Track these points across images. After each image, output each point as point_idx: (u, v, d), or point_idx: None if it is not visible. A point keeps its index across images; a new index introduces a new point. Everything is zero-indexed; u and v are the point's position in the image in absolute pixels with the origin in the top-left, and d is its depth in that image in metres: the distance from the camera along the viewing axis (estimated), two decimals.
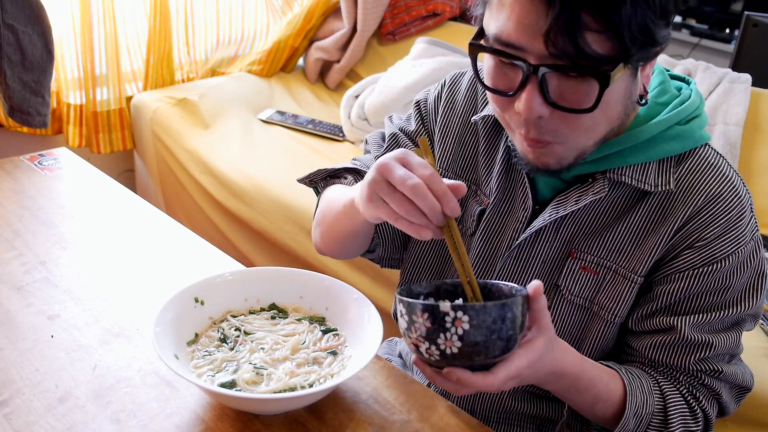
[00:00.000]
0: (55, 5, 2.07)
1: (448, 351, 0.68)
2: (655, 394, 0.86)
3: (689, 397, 0.87)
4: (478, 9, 0.79)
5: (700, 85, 2.03)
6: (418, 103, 1.04)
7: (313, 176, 1.09)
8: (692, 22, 3.64)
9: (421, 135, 1.02)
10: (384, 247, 1.05)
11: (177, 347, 0.84)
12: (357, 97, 2.31)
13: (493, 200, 0.94)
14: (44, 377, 0.85)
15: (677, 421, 0.86)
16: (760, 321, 1.48)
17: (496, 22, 0.74)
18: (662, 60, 2.13)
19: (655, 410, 0.86)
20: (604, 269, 0.88)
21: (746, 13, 2.34)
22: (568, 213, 0.87)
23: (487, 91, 0.80)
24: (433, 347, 0.69)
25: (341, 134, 2.31)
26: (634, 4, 0.67)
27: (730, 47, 3.32)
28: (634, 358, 0.91)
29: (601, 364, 0.87)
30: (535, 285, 0.71)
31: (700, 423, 0.87)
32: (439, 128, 1.01)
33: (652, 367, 0.89)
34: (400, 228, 0.74)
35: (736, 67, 2.31)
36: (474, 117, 0.96)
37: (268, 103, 2.47)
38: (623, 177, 0.84)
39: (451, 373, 0.70)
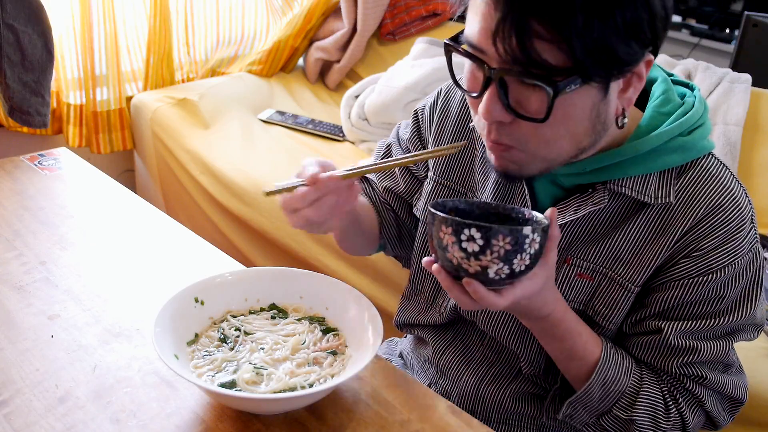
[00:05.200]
0: (55, 5, 2.07)
1: (517, 269, 0.74)
2: (633, 378, 0.87)
3: (668, 397, 0.87)
4: (460, 10, 0.79)
5: (700, 85, 2.02)
6: (416, 111, 1.07)
7: None
8: (692, 22, 3.64)
9: (414, 142, 1.07)
10: (391, 247, 1.12)
11: (177, 347, 0.84)
12: (357, 97, 2.31)
13: None
14: (44, 377, 0.85)
15: (644, 409, 0.86)
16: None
17: (469, 24, 0.75)
18: (662, 60, 2.13)
19: (627, 392, 0.86)
20: (600, 275, 0.88)
21: (746, 13, 2.34)
22: (566, 222, 0.87)
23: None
24: (506, 267, 0.73)
25: (341, 134, 2.31)
26: (588, 19, 0.66)
27: (730, 47, 3.32)
28: None
29: (593, 331, 0.88)
30: (550, 211, 0.77)
31: (671, 422, 0.87)
32: (434, 136, 1.03)
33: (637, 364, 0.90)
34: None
35: (736, 67, 2.31)
36: (471, 123, 0.97)
37: (268, 103, 2.47)
38: (623, 188, 0.84)
39: (471, 284, 0.74)
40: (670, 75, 0.91)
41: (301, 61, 2.71)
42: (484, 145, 0.96)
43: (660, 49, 0.77)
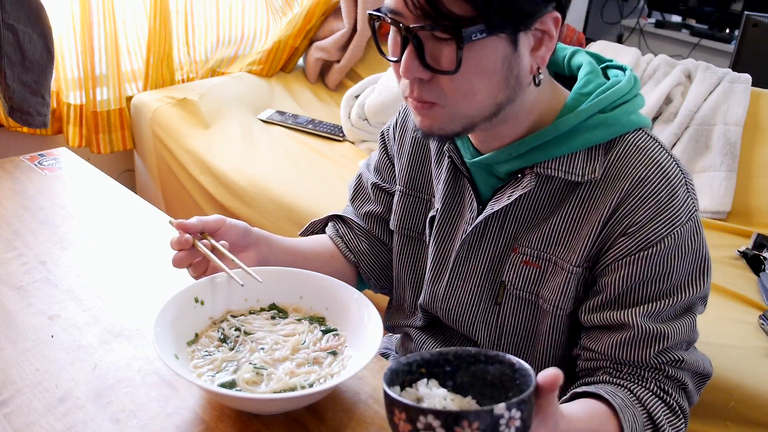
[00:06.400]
0: (55, 5, 2.07)
1: None
2: (636, 405, 0.84)
3: (661, 393, 0.86)
4: None
5: (700, 85, 2.03)
6: (382, 133, 1.10)
7: (311, 228, 1.18)
8: (692, 22, 3.64)
9: (383, 163, 1.10)
10: (375, 280, 1.14)
11: (177, 347, 0.84)
12: (357, 97, 2.31)
13: (442, 206, 0.98)
14: (44, 377, 0.85)
15: (664, 421, 0.84)
16: (760, 321, 1.48)
17: None
18: (662, 60, 2.13)
19: (644, 420, 0.85)
20: (545, 261, 0.89)
21: (746, 13, 2.34)
22: (501, 208, 0.89)
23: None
24: None
25: (341, 134, 2.31)
26: None
27: (730, 47, 3.32)
28: (596, 362, 0.88)
29: (585, 394, 0.84)
30: (546, 377, 0.63)
31: (680, 416, 0.86)
32: (396, 151, 1.07)
33: (616, 368, 0.87)
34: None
35: (736, 67, 2.32)
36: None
37: (268, 103, 2.47)
38: (549, 170, 0.85)
39: None
40: (609, 60, 0.93)
41: (301, 61, 2.71)
42: (438, 150, 0.99)
43: (567, 10, 0.81)
